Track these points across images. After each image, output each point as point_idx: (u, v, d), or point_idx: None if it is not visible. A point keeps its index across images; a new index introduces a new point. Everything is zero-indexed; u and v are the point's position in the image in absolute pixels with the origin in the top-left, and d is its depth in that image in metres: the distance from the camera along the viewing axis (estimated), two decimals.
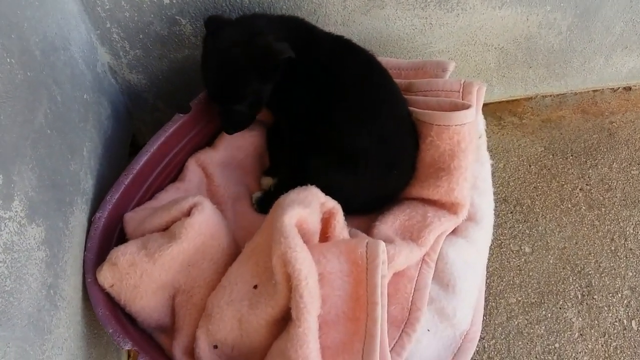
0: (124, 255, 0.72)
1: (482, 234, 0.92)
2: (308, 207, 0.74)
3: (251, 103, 0.87)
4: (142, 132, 1.19)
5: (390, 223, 0.88)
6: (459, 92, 0.93)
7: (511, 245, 1.11)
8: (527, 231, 1.13)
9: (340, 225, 0.82)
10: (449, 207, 0.88)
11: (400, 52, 1.16)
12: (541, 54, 1.27)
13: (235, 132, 0.90)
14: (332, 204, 0.79)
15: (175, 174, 0.95)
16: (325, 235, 0.81)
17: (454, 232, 0.90)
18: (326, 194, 0.76)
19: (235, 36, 0.81)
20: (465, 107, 0.86)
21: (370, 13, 1.04)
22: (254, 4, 0.97)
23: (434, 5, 1.06)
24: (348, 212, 0.80)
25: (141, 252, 0.73)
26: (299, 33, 0.89)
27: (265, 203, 0.93)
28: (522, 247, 1.10)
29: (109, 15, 0.92)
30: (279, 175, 0.97)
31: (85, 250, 0.77)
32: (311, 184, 0.76)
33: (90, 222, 0.80)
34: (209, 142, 1.00)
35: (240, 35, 0.81)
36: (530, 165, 1.26)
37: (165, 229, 0.79)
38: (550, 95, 1.42)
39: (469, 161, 0.86)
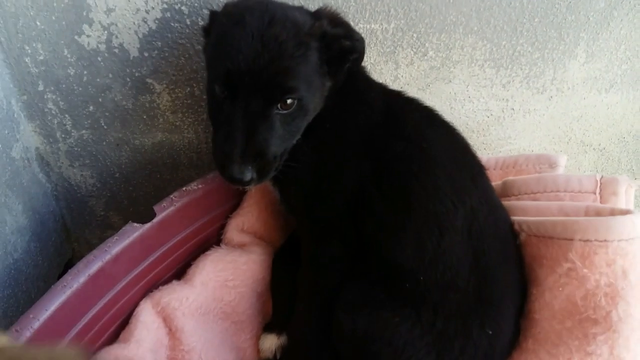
0: None
1: None
2: None
3: (301, 108, 0.55)
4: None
5: None
6: (594, 193, 0.62)
7: None
8: None
9: None
10: None
11: None
12: None
13: (256, 181, 0.55)
14: None
15: (116, 328, 0.58)
16: None
17: None
18: None
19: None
20: (624, 212, 0.54)
21: (430, 88, 0.78)
22: None
23: (520, 82, 0.80)
24: None
25: None
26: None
27: None
28: None
29: (44, 71, 0.64)
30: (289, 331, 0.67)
31: None
32: (344, 344, 0.55)
33: None
34: (177, 273, 0.65)
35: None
36: None
37: None
38: None
39: None
